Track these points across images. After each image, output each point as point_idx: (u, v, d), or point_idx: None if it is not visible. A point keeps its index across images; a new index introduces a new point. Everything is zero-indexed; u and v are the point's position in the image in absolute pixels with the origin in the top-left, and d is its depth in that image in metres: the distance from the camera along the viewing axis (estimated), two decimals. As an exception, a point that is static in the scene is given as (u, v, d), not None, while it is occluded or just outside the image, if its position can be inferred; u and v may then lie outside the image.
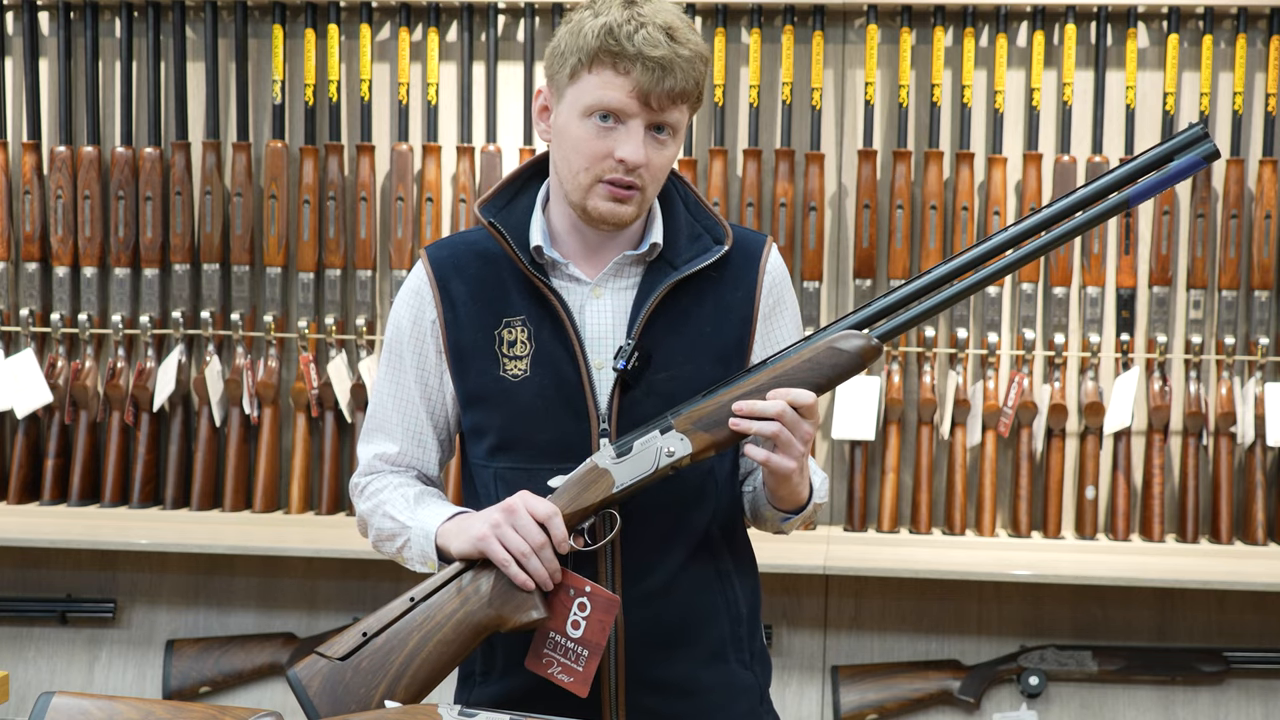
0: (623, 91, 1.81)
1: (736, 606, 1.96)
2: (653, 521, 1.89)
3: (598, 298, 1.92)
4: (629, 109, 1.82)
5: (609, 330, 1.91)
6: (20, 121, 3.84)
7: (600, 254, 1.93)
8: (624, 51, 1.80)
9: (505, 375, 1.89)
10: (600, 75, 1.82)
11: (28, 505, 3.79)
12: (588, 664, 1.81)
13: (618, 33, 1.80)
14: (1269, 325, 3.60)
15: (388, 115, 3.78)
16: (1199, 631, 3.64)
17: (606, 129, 1.83)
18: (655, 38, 1.80)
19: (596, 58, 1.81)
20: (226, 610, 3.82)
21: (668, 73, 1.80)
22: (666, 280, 1.90)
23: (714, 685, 1.94)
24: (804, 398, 1.78)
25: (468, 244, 1.97)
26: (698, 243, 1.94)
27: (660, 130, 1.84)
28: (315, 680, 1.78)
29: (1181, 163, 1.80)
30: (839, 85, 3.71)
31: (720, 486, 1.95)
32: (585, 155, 1.84)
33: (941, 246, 3.62)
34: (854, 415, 3.58)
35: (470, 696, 1.96)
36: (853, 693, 3.59)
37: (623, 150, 1.82)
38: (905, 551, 3.51)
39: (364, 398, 3.68)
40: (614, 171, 1.83)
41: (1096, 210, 1.81)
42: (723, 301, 1.93)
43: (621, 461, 1.81)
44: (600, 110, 1.82)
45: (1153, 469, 3.60)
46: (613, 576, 1.88)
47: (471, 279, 1.93)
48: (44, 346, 3.79)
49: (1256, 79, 3.60)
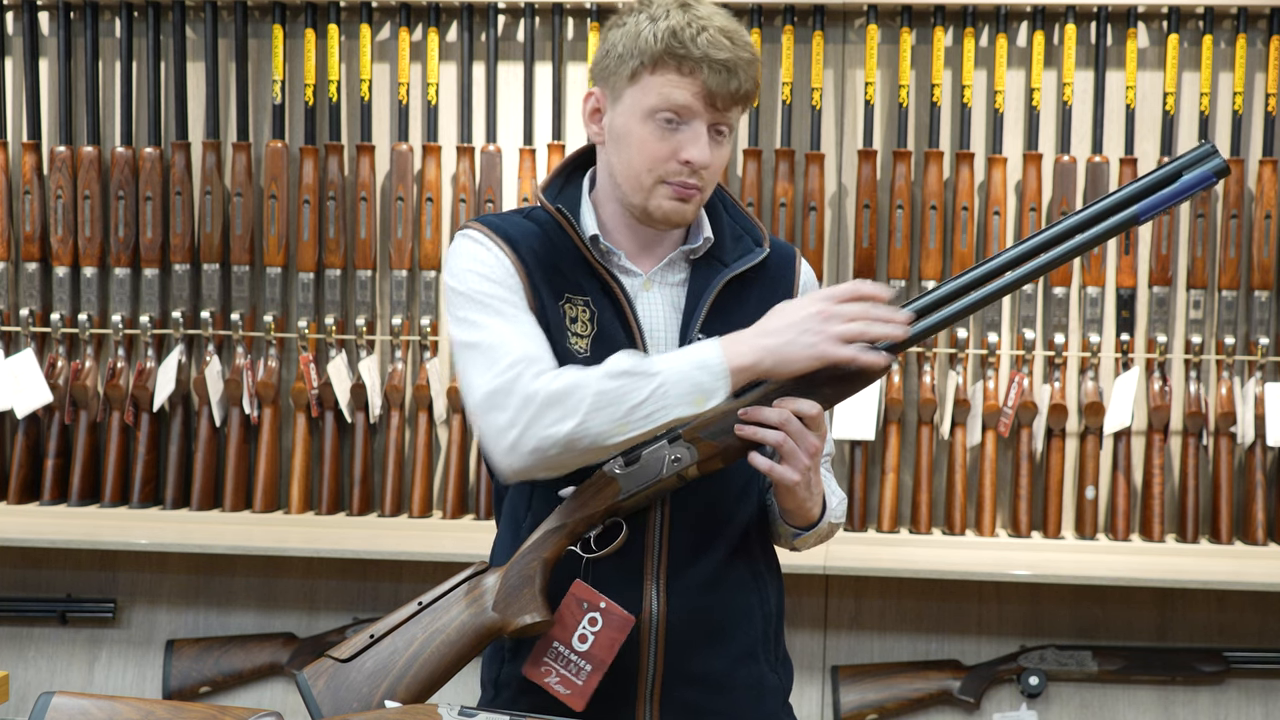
0: (689, 92, 1.84)
1: (769, 605, 1.99)
2: (700, 516, 1.90)
3: (648, 291, 1.94)
4: (695, 109, 1.85)
5: (661, 323, 1.93)
6: (20, 121, 3.84)
7: (651, 249, 1.95)
8: (689, 54, 1.83)
9: (571, 349, 1.88)
10: (665, 76, 1.84)
11: (28, 505, 3.78)
12: (589, 679, 1.81)
13: (682, 35, 1.83)
14: (1269, 325, 3.60)
15: (388, 115, 3.78)
16: (1199, 631, 3.65)
17: (670, 130, 1.85)
18: (719, 40, 1.84)
19: (661, 60, 1.84)
20: (226, 610, 3.82)
21: (732, 74, 1.84)
22: (721, 276, 1.93)
23: (746, 684, 1.96)
24: (809, 408, 1.79)
25: (515, 223, 1.94)
26: (741, 243, 1.98)
27: (719, 132, 1.88)
28: (320, 680, 1.78)
29: (1191, 178, 1.81)
30: (839, 85, 3.71)
31: (760, 487, 1.97)
32: (649, 157, 1.86)
33: (941, 246, 3.62)
34: (854, 415, 3.59)
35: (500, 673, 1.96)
36: (853, 693, 3.59)
37: (689, 151, 1.85)
38: (905, 551, 3.51)
39: (364, 398, 3.68)
40: (679, 174, 1.86)
41: (1104, 226, 1.82)
42: (765, 303, 1.92)
43: (629, 469, 1.81)
44: (666, 111, 1.85)
45: (1153, 469, 3.61)
46: (658, 568, 1.89)
47: (534, 250, 1.91)
48: (44, 346, 3.79)
49: (1256, 79, 3.61)
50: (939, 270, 3.62)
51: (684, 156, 1.85)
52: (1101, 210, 1.82)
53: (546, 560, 1.82)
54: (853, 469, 3.67)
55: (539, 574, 1.81)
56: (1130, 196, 1.82)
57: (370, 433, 3.73)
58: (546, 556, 1.82)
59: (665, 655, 1.90)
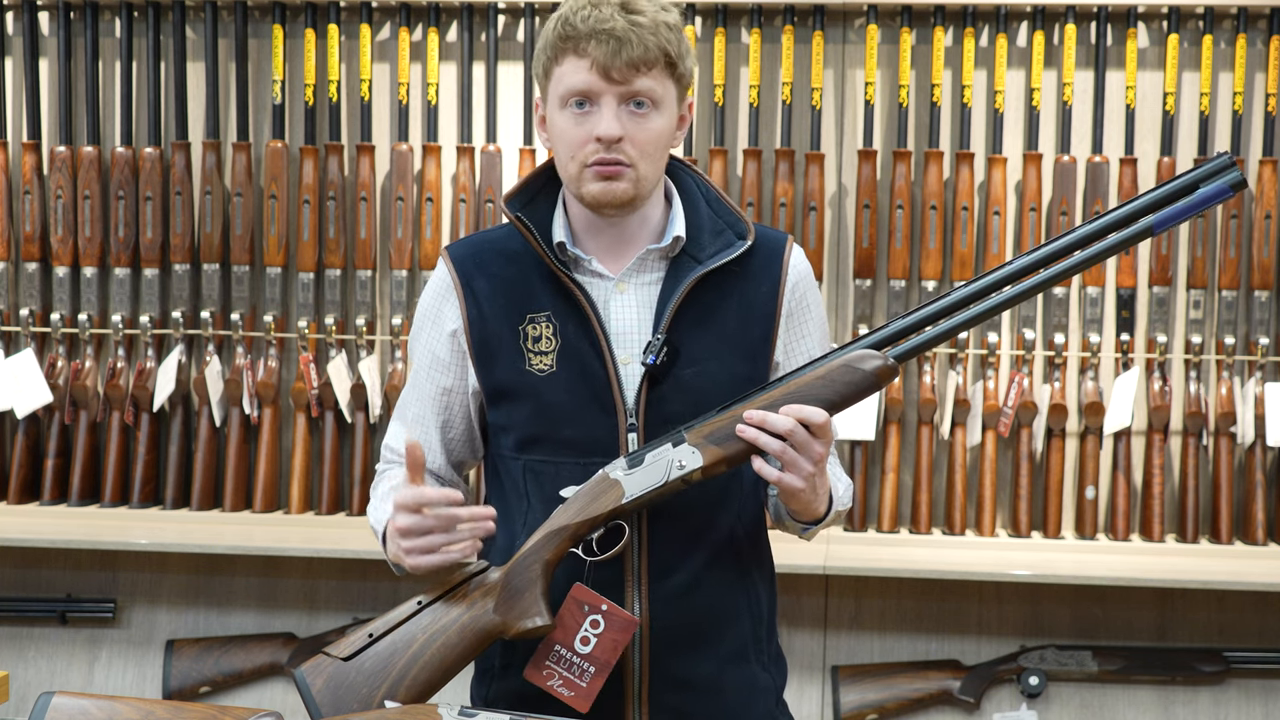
0: (584, 71, 1.84)
1: (758, 607, 1.98)
2: (678, 522, 1.89)
3: (622, 293, 1.92)
4: (595, 87, 1.84)
5: (634, 325, 1.91)
6: (20, 121, 3.84)
7: (623, 250, 1.94)
8: (578, 33, 1.84)
9: (531, 370, 1.90)
10: (566, 64, 1.85)
11: (28, 505, 3.78)
12: (592, 681, 1.81)
13: (572, 19, 1.84)
14: (1269, 325, 3.60)
15: (388, 115, 3.78)
16: (1199, 631, 3.65)
17: (583, 114, 1.85)
18: (606, 13, 1.83)
19: (559, 48, 1.86)
20: (226, 610, 3.82)
21: (624, 43, 1.82)
22: (692, 274, 1.90)
23: (736, 685, 1.95)
24: (816, 416, 1.78)
25: (489, 242, 1.98)
26: (721, 238, 1.94)
27: (639, 105, 1.85)
28: (319, 679, 1.78)
29: (1207, 191, 1.80)
30: (839, 85, 3.71)
31: (745, 489, 1.96)
32: (569, 144, 1.87)
33: (941, 246, 3.62)
34: (854, 415, 3.58)
35: (488, 691, 1.97)
36: (853, 693, 3.59)
37: (598, 128, 1.84)
38: (905, 551, 3.51)
39: (364, 398, 3.68)
40: (596, 153, 1.85)
41: (1119, 237, 1.81)
42: (747, 297, 1.93)
43: (633, 472, 1.81)
44: (572, 96, 1.85)
45: (1153, 469, 3.61)
46: (638, 576, 1.89)
47: (495, 276, 1.94)
48: (44, 346, 3.79)
49: (1256, 79, 3.61)
50: (939, 270, 3.62)
51: (595, 134, 1.84)
52: (1116, 220, 1.81)
53: (549, 562, 1.81)
54: (853, 469, 3.67)
55: (541, 577, 1.81)
56: (1145, 207, 1.81)
57: (370, 433, 3.73)
58: (549, 559, 1.81)
59: (650, 660, 1.90)
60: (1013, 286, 1.82)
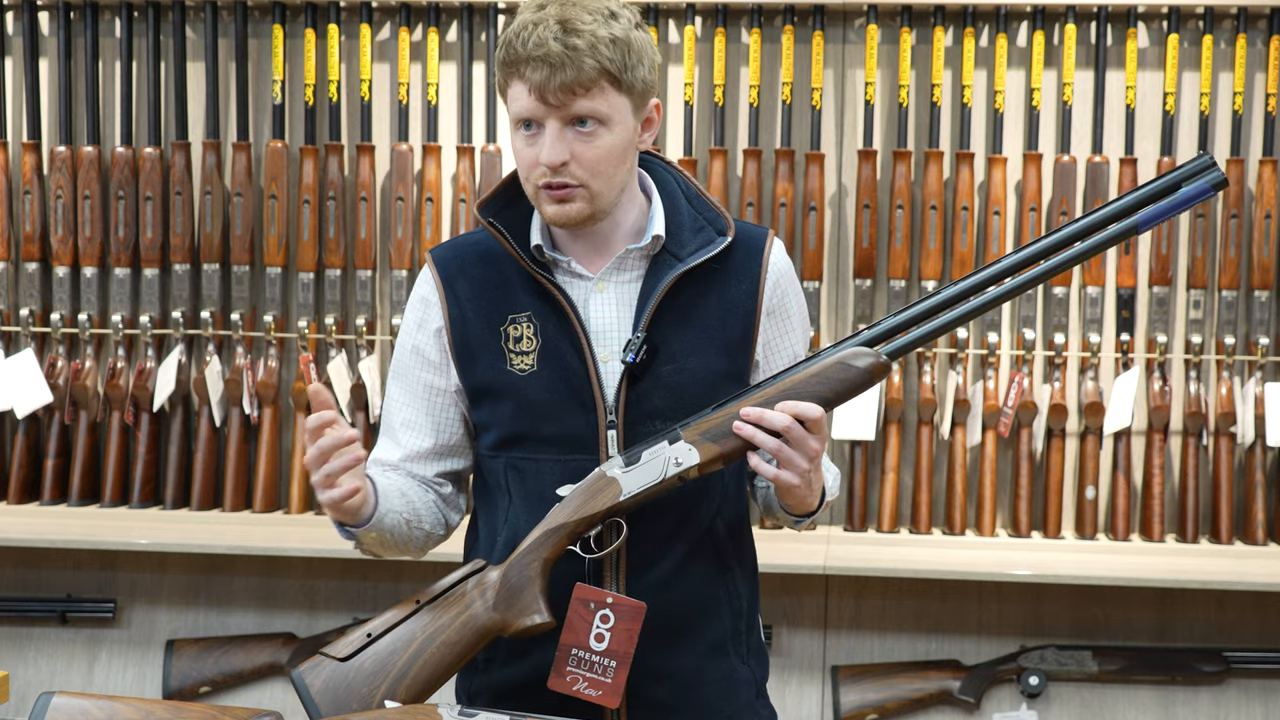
0: (525, 95, 1.82)
1: (738, 601, 1.98)
2: (657, 516, 1.89)
3: (601, 291, 1.92)
4: (536, 112, 1.82)
5: (614, 323, 1.91)
6: (20, 121, 3.84)
7: (602, 251, 1.94)
8: (517, 57, 1.81)
9: (512, 370, 1.90)
10: (512, 87, 1.84)
11: (28, 505, 3.79)
12: (616, 674, 1.81)
13: (514, 41, 1.82)
14: (1269, 325, 3.60)
15: (388, 115, 3.78)
16: (1199, 631, 3.65)
17: (531, 137, 1.84)
18: (543, 36, 1.79)
19: (505, 71, 1.85)
20: (226, 610, 3.82)
21: (557, 68, 1.79)
22: (672, 272, 1.90)
23: (715, 678, 1.95)
24: (811, 412, 1.79)
25: (471, 244, 1.98)
26: (701, 235, 1.94)
27: (583, 124, 1.83)
28: (318, 680, 1.78)
29: (1189, 190, 1.82)
30: (839, 85, 3.71)
31: (726, 483, 1.96)
32: (522, 166, 1.87)
33: (941, 246, 3.62)
34: (854, 415, 3.59)
35: (472, 685, 1.97)
36: (853, 693, 3.59)
37: (540, 154, 1.83)
38: (905, 551, 3.51)
39: (364, 398, 3.68)
40: (545, 177, 1.84)
41: (1103, 236, 1.83)
42: (727, 294, 1.93)
43: (630, 470, 1.82)
44: (519, 120, 1.85)
45: (1153, 469, 3.61)
46: (617, 570, 1.89)
47: (476, 278, 1.94)
48: (44, 346, 3.79)
49: (1256, 79, 3.61)
50: (939, 270, 3.62)
51: (539, 160, 1.83)
52: (1100, 219, 1.84)
53: (547, 560, 1.82)
54: (853, 469, 3.67)
55: (540, 575, 1.82)
56: (1129, 206, 1.83)
57: (371, 433, 3.73)
58: (547, 557, 1.82)
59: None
60: (997, 286, 1.83)
